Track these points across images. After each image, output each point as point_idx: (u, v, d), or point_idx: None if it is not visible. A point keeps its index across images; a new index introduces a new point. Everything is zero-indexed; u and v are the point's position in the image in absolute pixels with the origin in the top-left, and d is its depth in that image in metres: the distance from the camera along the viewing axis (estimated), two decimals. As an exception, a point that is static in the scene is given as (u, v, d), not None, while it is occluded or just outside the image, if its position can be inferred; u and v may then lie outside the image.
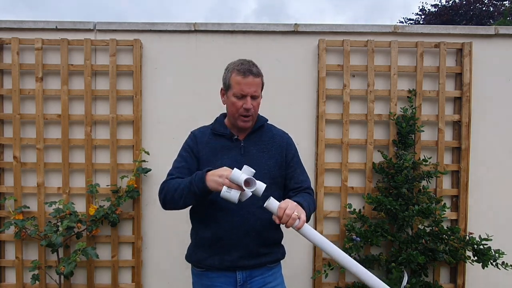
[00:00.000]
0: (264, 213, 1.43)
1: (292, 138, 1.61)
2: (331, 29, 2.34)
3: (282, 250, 1.58)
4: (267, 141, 1.53)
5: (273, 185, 1.47)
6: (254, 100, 1.44)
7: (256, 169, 1.41)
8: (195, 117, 2.31)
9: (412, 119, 2.22)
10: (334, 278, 2.33)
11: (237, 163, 1.43)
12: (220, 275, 1.45)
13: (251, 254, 1.44)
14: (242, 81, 1.41)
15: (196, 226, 1.53)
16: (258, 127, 1.53)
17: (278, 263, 1.56)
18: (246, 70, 1.41)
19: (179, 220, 2.31)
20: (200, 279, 1.50)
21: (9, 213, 2.26)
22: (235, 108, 1.44)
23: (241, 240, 1.42)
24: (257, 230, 1.43)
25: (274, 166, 1.49)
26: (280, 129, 1.63)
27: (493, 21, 12.43)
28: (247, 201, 1.37)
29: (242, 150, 1.48)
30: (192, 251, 1.54)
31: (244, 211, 1.42)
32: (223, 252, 1.44)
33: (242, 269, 1.45)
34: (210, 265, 1.45)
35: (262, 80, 1.47)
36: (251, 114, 1.44)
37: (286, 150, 1.54)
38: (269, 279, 1.49)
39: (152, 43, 2.34)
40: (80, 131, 2.32)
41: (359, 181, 2.35)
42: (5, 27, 2.30)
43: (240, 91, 1.41)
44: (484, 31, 2.35)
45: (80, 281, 2.33)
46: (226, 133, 1.50)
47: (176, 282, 2.35)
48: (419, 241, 2.15)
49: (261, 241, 1.45)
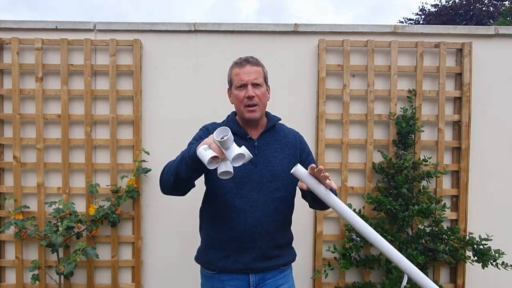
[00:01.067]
0: (277, 215, 1.43)
1: (303, 137, 1.60)
2: (331, 29, 2.34)
3: (293, 252, 1.57)
4: (280, 141, 1.51)
5: (287, 185, 1.45)
6: (257, 89, 1.41)
7: (270, 170, 1.42)
8: (195, 117, 2.31)
9: (412, 119, 2.22)
10: (334, 278, 2.33)
11: (250, 163, 1.38)
12: (232, 277, 1.42)
13: (264, 257, 1.42)
14: (240, 71, 1.42)
15: (207, 227, 1.49)
16: (271, 127, 1.51)
17: (290, 266, 1.55)
18: (242, 61, 1.43)
19: (179, 220, 2.32)
20: (210, 281, 1.47)
21: (9, 213, 2.26)
22: (239, 100, 1.43)
23: (254, 242, 1.40)
24: (270, 232, 1.42)
25: (288, 166, 1.45)
26: (291, 128, 1.61)
27: (493, 21, 12.43)
28: (261, 202, 1.37)
29: (256, 150, 1.45)
30: (202, 252, 1.50)
31: (258, 213, 1.40)
32: (236, 253, 1.41)
33: (255, 271, 1.43)
34: (223, 267, 1.42)
35: (263, 70, 1.47)
36: (255, 103, 1.41)
37: (300, 149, 1.52)
38: (281, 282, 1.47)
39: (152, 43, 2.34)
40: (80, 131, 2.32)
41: (359, 181, 2.35)
42: (5, 27, 2.30)
43: (240, 81, 1.41)
44: (484, 31, 2.35)
45: (80, 281, 2.33)
46: (240, 131, 1.46)
47: (176, 282, 2.34)
48: (419, 241, 2.15)
49: (274, 243, 1.44)
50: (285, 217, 1.48)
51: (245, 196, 1.40)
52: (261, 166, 1.42)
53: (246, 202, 1.39)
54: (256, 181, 1.40)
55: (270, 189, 1.41)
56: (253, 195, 1.39)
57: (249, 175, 1.40)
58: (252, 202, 1.39)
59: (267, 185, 1.41)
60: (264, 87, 1.45)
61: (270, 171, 1.42)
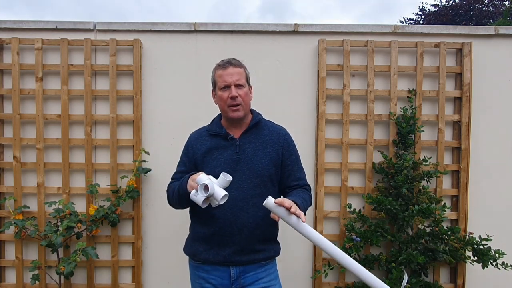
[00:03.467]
0: (257, 210, 1.47)
1: (290, 134, 1.62)
2: (331, 29, 2.34)
3: (277, 247, 1.60)
4: (263, 138, 1.54)
5: (268, 182, 1.51)
6: (240, 89, 1.48)
7: (250, 168, 1.48)
8: (195, 117, 2.31)
9: (412, 119, 2.22)
10: (334, 278, 2.33)
11: (232, 162, 1.48)
12: (214, 268, 1.51)
13: (243, 251, 1.48)
14: (223, 73, 1.49)
15: (194, 221, 1.59)
16: (253, 125, 1.55)
17: (272, 260, 1.59)
18: (225, 63, 1.50)
19: (179, 220, 2.32)
20: (196, 270, 1.56)
21: (9, 213, 2.26)
22: (222, 100, 1.50)
23: (234, 236, 1.46)
24: (249, 227, 1.47)
25: (268, 164, 1.51)
26: (278, 125, 1.64)
27: (493, 21, 12.44)
28: (240, 199, 1.44)
29: (238, 148, 1.50)
30: (189, 244, 1.61)
31: (237, 208, 1.46)
32: (217, 247, 1.49)
33: (235, 264, 1.49)
34: (205, 258, 1.52)
35: (245, 71, 1.54)
36: (239, 103, 1.48)
37: (283, 148, 1.55)
38: (262, 275, 1.52)
39: (152, 43, 2.34)
40: (80, 131, 2.32)
41: (359, 181, 2.35)
42: (5, 27, 2.30)
43: (223, 82, 1.48)
44: (484, 31, 2.35)
45: (80, 281, 2.33)
46: (222, 132, 1.54)
47: (176, 282, 2.35)
48: (419, 241, 2.15)
49: (254, 238, 1.48)
50: (265, 213, 1.48)
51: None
52: (242, 164, 1.49)
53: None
54: (237, 178, 1.46)
55: (249, 186, 1.47)
56: (233, 192, 1.43)
57: (230, 173, 1.44)
58: (232, 198, 1.43)
59: (247, 182, 1.47)
60: (246, 87, 1.52)
61: (250, 168, 1.49)
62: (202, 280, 1.53)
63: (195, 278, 1.57)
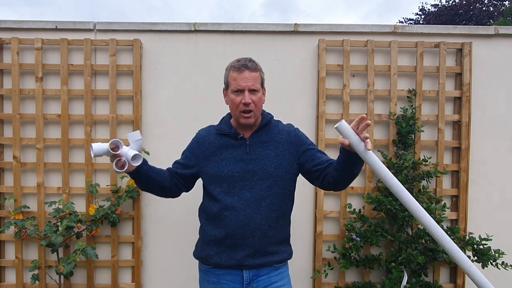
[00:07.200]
0: (270, 212, 1.44)
1: (299, 129, 1.59)
2: (331, 29, 2.34)
3: (289, 250, 1.57)
4: (274, 138, 1.50)
5: (281, 183, 1.46)
6: (253, 95, 1.42)
7: (262, 168, 1.44)
8: (195, 117, 2.31)
9: (412, 119, 2.22)
10: (334, 278, 2.33)
11: (242, 161, 1.44)
12: (226, 272, 1.46)
13: (257, 253, 1.44)
14: (238, 76, 1.42)
15: (204, 224, 1.53)
16: (263, 125, 1.51)
17: (285, 263, 1.55)
18: (241, 66, 1.42)
19: (179, 220, 2.32)
20: (207, 275, 1.51)
21: (9, 213, 2.26)
22: (234, 104, 1.44)
23: (247, 239, 1.42)
24: (263, 229, 1.43)
25: (281, 164, 1.46)
26: (287, 124, 1.61)
27: (493, 21, 12.45)
28: (252, 200, 1.41)
29: (248, 148, 1.47)
30: (199, 248, 1.55)
31: (250, 210, 1.42)
32: (230, 250, 1.44)
33: (248, 267, 1.44)
34: (217, 262, 1.46)
35: (261, 75, 1.47)
36: (251, 109, 1.42)
37: (295, 144, 1.51)
38: (275, 279, 1.48)
39: (152, 43, 2.34)
40: (80, 131, 2.32)
41: (359, 181, 2.35)
42: (5, 27, 2.30)
43: (237, 86, 1.42)
44: (484, 31, 2.35)
45: (80, 281, 2.33)
46: (231, 132, 1.49)
47: (176, 282, 2.35)
48: (419, 241, 2.15)
49: (267, 240, 1.45)
50: (279, 214, 1.47)
51: (237, 194, 1.43)
52: (253, 164, 1.45)
53: (238, 200, 1.42)
54: (248, 179, 1.43)
55: (262, 187, 1.43)
56: (245, 193, 1.41)
57: (241, 174, 1.42)
58: (244, 200, 1.41)
59: (259, 182, 1.43)
60: (260, 92, 1.46)
61: (262, 169, 1.44)
62: (213, 285, 1.48)
63: (206, 283, 1.52)
